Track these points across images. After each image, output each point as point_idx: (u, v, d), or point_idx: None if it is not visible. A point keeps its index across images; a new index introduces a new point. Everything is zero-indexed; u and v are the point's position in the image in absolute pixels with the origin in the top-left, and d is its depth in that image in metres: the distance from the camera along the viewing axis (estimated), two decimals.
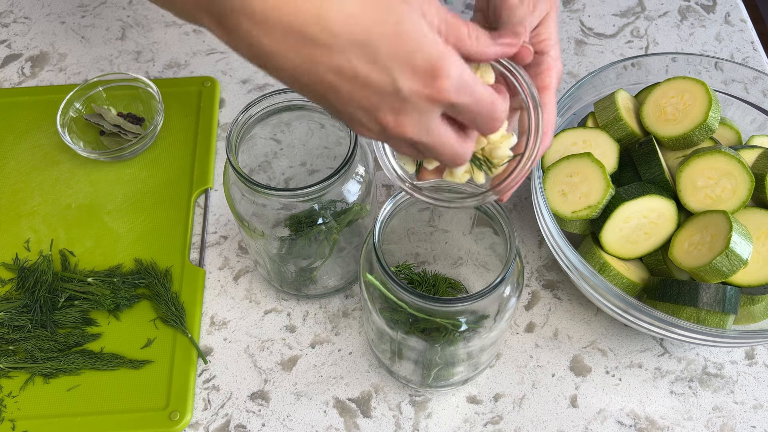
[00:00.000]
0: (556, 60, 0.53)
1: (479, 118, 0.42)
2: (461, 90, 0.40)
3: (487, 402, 0.64)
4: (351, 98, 0.39)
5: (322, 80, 0.38)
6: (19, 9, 0.93)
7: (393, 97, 0.39)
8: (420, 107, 0.40)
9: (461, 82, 0.39)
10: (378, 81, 0.38)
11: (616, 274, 0.62)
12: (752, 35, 0.90)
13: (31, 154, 0.79)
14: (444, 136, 0.43)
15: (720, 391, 0.65)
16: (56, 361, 0.65)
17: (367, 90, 0.39)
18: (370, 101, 0.39)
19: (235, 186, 0.59)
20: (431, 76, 0.38)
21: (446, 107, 0.40)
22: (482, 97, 0.41)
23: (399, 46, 0.37)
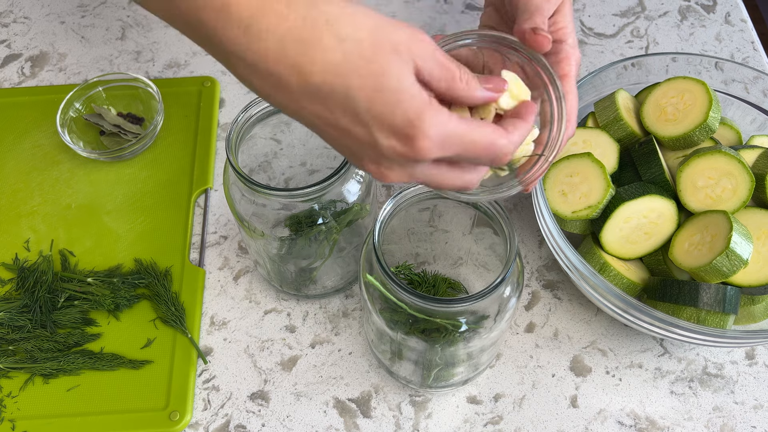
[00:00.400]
0: (574, 48, 0.53)
1: (479, 161, 0.41)
2: (446, 144, 0.38)
3: (487, 402, 0.64)
4: (336, 142, 0.39)
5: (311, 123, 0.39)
6: (19, 9, 0.93)
7: (373, 150, 0.38)
8: (400, 162, 0.39)
9: (444, 137, 0.38)
10: (358, 133, 0.38)
11: (616, 274, 0.62)
12: (752, 35, 0.90)
13: (31, 154, 0.79)
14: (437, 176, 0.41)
15: (720, 391, 0.65)
16: (56, 362, 0.65)
17: (349, 139, 0.38)
18: (352, 149, 0.39)
19: (235, 186, 0.59)
20: (409, 136, 0.37)
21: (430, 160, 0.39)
22: (476, 142, 0.39)
23: (378, 102, 0.36)
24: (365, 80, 0.36)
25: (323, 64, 0.36)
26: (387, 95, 0.36)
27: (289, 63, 0.36)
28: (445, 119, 0.38)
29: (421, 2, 0.92)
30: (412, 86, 0.37)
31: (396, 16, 0.91)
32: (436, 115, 0.37)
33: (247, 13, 0.36)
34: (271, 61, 0.36)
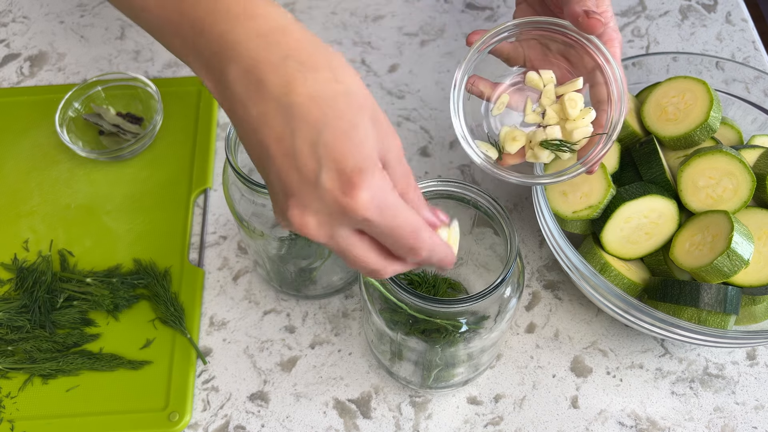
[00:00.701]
0: (616, 30, 0.55)
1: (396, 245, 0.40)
2: (381, 209, 0.38)
3: (487, 403, 0.64)
4: (278, 172, 0.38)
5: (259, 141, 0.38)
6: (18, 8, 0.93)
7: (310, 188, 0.37)
8: (330, 209, 0.37)
9: (382, 201, 0.37)
10: (306, 163, 0.37)
11: (617, 274, 0.62)
12: (753, 34, 0.89)
13: (30, 154, 0.79)
14: (355, 248, 0.40)
15: (721, 391, 0.65)
16: (55, 362, 0.64)
17: (293, 170, 0.37)
18: (290, 181, 0.38)
19: (234, 186, 0.59)
20: (352, 183, 0.36)
21: (359, 222, 0.38)
22: (403, 224, 0.39)
23: (339, 143, 0.37)
24: (339, 122, 0.37)
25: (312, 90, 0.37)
26: (350, 143, 0.37)
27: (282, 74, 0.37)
28: (390, 189, 0.38)
29: (421, 2, 0.92)
30: (372, 152, 0.38)
31: (396, 15, 0.91)
32: (383, 180, 0.38)
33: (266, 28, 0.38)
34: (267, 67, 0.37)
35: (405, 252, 0.41)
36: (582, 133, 0.54)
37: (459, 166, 0.78)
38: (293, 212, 0.38)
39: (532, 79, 0.57)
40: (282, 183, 0.38)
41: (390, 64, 0.87)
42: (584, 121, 0.54)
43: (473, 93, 0.59)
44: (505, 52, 0.59)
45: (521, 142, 0.57)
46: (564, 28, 0.55)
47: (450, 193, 0.54)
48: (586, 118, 0.54)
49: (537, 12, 0.61)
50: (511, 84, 0.60)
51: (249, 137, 0.39)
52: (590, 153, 0.54)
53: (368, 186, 0.37)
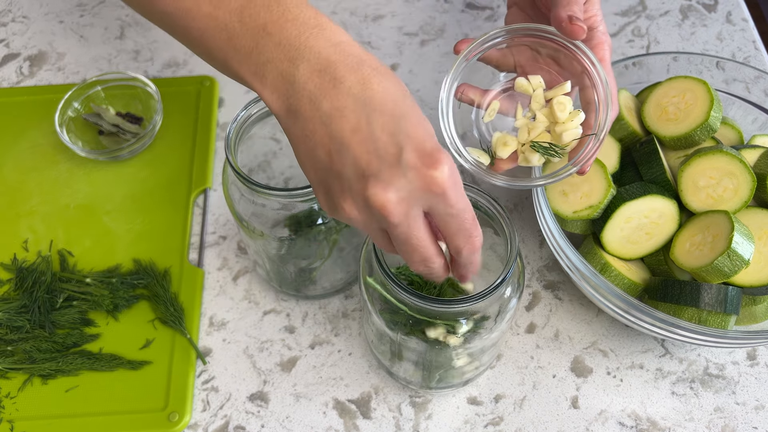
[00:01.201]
0: (605, 34, 0.56)
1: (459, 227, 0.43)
2: (456, 186, 0.41)
3: (487, 403, 0.64)
4: (354, 158, 0.41)
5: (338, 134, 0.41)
6: (18, 8, 0.93)
7: (392, 168, 0.40)
8: (413, 184, 0.40)
9: (457, 179, 0.41)
10: (386, 148, 0.40)
11: (617, 274, 0.62)
12: (754, 34, 0.89)
13: (30, 154, 0.79)
14: (421, 231, 0.43)
15: (721, 392, 0.65)
16: (55, 362, 0.64)
17: (373, 155, 0.40)
18: (370, 164, 0.40)
19: (234, 186, 0.59)
20: (434, 160, 0.40)
21: (437, 198, 0.41)
22: (468, 207, 0.42)
23: (417, 131, 0.40)
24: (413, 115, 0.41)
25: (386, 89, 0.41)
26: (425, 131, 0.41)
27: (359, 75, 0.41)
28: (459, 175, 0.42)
29: (421, 1, 0.92)
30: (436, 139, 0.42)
31: (396, 15, 0.91)
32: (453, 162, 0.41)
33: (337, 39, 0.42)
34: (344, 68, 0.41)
35: (463, 237, 0.43)
36: (571, 135, 0.55)
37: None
38: (374, 190, 0.40)
39: (522, 84, 0.57)
40: (358, 167, 0.40)
41: (390, 64, 0.87)
42: (573, 123, 0.55)
43: (463, 101, 0.59)
44: (494, 60, 0.59)
45: (513, 147, 0.57)
46: (549, 33, 0.55)
47: None
48: (574, 121, 0.55)
49: (528, 15, 0.61)
50: (501, 90, 0.60)
51: (315, 134, 0.42)
52: (580, 153, 0.55)
53: (448, 162, 0.40)
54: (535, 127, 0.56)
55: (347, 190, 0.42)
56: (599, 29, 0.56)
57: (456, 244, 0.44)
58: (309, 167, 0.44)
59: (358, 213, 0.42)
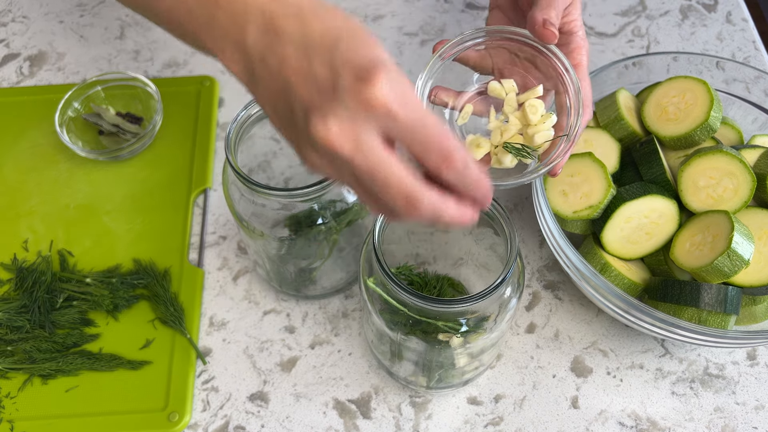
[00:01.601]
0: (584, 39, 0.56)
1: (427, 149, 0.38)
2: (403, 101, 0.36)
3: (487, 403, 0.64)
4: (300, 99, 0.38)
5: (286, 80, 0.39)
6: (18, 8, 0.93)
7: (329, 96, 0.37)
8: (351, 109, 0.36)
9: (403, 93, 0.37)
10: (324, 78, 0.37)
11: (617, 274, 0.62)
12: (754, 34, 0.89)
13: (30, 154, 0.79)
14: (385, 161, 0.37)
15: (721, 392, 0.65)
16: (55, 362, 0.64)
17: (314, 91, 0.38)
18: (312, 101, 0.38)
19: (234, 186, 0.59)
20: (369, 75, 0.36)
21: (383, 119, 0.37)
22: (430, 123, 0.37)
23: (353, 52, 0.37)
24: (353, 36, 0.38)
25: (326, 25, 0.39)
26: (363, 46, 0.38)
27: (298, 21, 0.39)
28: (410, 86, 0.38)
29: (421, 1, 0.92)
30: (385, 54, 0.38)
31: (396, 15, 0.91)
32: (401, 75, 0.37)
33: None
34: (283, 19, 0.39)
35: (438, 160, 0.38)
36: (543, 137, 0.55)
37: None
38: (316, 127, 0.37)
39: (495, 88, 0.57)
40: (303, 106, 0.38)
41: None
42: (545, 125, 0.55)
43: (437, 104, 0.59)
44: (471, 61, 0.59)
45: (486, 149, 0.57)
46: (523, 37, 0.55)
47: None
48: (546, 123, 0.55)
49: (509, 17, 0.61)
50: (475, 93, 0.60)
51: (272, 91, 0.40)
52: (552, 155, 0.55)
53: (386, 77, 0.36)
54: (508, 130, 0.57)
55: (302, 135, 0.39)
56: (578, 34, 0.56)
57: (432, 164, 0.38)
58: (280, 127, 0.42)
59: (318, 157, 0.39)
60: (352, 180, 0.39)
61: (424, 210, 0.39)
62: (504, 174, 0.58)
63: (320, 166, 0.40)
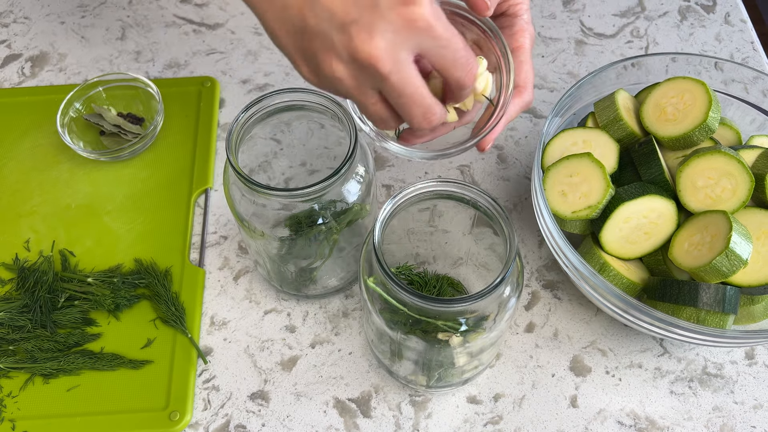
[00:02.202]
0: (528, 23, 0.55)
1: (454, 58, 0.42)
2: (439, 17, 0.40)
3: (487, 402, 0.64)
4: (329, 11, 0.39)
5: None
6: (19, 9, 0.93)
7: (371, 12, 0.39)
8: (395, 25, 0.39)
9: (438, 12, 0.40)
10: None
11: (616, 274, 0.62)
12: (752, 35, 0.90)
13: (31, 154, 0.79)
14: (415, 78, 0.42)
15: (720, 391, 0.65)
16: (56, 361, 0.65)
17: (349, 2, 0.39)
18: (348, 13, 0.39)
19: (235, 186, 0.59)
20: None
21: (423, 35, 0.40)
22: (457, 36, 0.41)
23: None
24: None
25: None
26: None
27: None
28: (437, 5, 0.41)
29: None
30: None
31: None
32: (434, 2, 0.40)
33: None
34: None
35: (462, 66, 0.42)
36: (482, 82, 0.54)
37: (459, 166, 0.79)
38: (359, 39, 0.39)
39: None
40: (335, 19, 0.39)
41: None
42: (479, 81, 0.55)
43: None
44: None
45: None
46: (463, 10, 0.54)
47: (450, 193, 0.54)
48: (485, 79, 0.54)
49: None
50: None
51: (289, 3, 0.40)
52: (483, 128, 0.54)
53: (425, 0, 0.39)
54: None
55: (329, 48, 0.40)
56: (523, 17, 0.55)
57: (456, 76, 0.43)
58: (283, 35, 0.42)
59: (346, 70, 0.41)
60: (371, 93, 0.42)
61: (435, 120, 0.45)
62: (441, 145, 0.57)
63: (341, 77, 0.41)
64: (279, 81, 0.85)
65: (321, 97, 0.57)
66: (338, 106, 0.57)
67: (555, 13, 0.92)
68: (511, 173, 0.79)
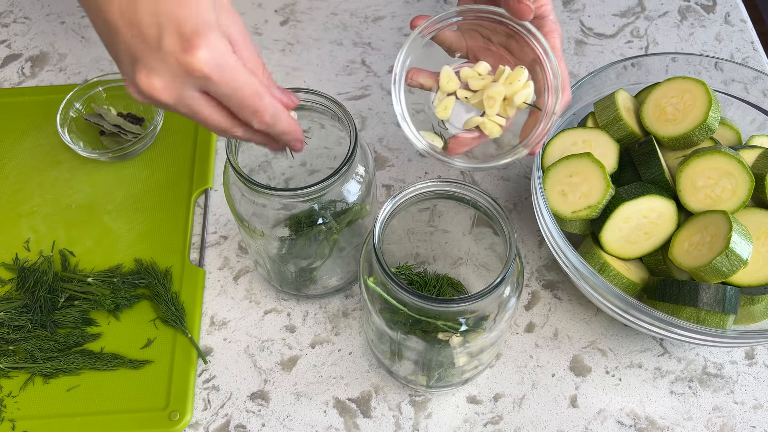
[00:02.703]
0: (556, 23, 0.56)
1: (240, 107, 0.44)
2: (220, 68, 0.41)
3: (487, 402, 0.64)
4: (125, 45, 0.42)
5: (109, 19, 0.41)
6: (19, 9, 0.93)
7: (154, 53, 0.41)
8: (173, 70, 0.41)
9: (222, 62, 0.41)
10: (149, 33, 0.41)
11: (616, 274, 0.62)
12: (752, 35, 0.90)
13: (31, 154, 0.79)
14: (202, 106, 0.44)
15: (720, 391, 0.65)
16: (56, 361, 0.65)
17: (138, 39, 0.41)
18: (137, 49, 0.41)
19: (235, 186, 0.59)
20: (191, 44, 0.40)
21: (202, 81, 0.42)
22: (244, 85, 0.43)
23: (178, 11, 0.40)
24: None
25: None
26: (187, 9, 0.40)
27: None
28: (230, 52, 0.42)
29: (421, 2, 0.92)
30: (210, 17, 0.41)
31: (396, 16, 0.91)
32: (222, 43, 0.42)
33: None
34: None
35: (249, 115, 0.45)
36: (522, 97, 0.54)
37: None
38: (140, 77, 0.42)
39: (467, 74, 0.57)
40: (129, 52, 0.42)
41: (390, 65, 0.87)
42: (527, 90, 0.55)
43: (413, 86, 0.59)
44: (447, 41, 0.59)
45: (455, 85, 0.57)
46: (501, 16, 0.55)
47: (450, 193, 0.54)
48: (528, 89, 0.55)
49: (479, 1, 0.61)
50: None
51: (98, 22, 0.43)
52: (531, 135, 0.55)
53: (207, 45, 0.41)
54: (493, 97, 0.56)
55: (126, 73, 0.43)
56: (550, 18, 0.56)
57: (245, 120, 0.45)
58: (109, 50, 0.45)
59: (140, 97, 0.44)
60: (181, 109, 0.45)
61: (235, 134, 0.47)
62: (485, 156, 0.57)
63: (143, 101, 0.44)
64: (278, 81, 0.86)
65: (321, 97, 0.57)
66: (338, 106, 0.57)
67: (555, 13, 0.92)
68: (511, 173, 0.79)
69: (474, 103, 0.57)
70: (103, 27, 0.43)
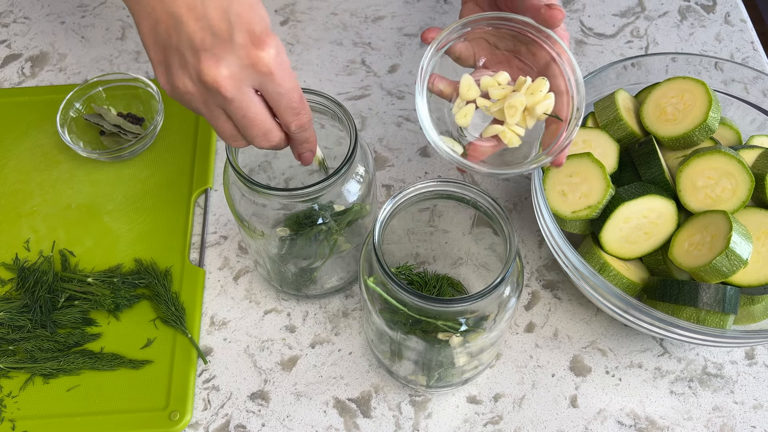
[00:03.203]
0: (565, 30, 0.57)
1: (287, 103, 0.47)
2: (281, 67, 0.45)
3: (487, 402, 0.64)
4: (189, 36, 0.44)
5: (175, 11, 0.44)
6: (19, 9, 0.93)
7: (224, 44, 0.44)
8: (242, 62, 0.44)
9: (283, 60, 0.46)
10: (219, 27, 0.44)
11: (616, 274, 0.62)
12: (752, 35, 0.90)
13: (31, 154, 0.79)
14: (255, 105, 0.47)
15: (720, 391, 0.65)
16: (56, 361, 0.65)
17: (207, 31, 0.44)
18: (204, 40, 0.44)
19: (234, 186, 0.59)
20: (262, 41, 0.44)
21: (263, 77, 0.45)
22: (295, 86, 0.47)
23: (249, 13, 0.44)
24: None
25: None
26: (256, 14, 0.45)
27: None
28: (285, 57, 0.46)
29: (421, 2, 0.92)
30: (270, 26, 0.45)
31: (396, 16, 0.91)
32: (282, 46, 0.46)
33: None
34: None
35: (291, 114, 0.48)
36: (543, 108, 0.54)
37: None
38: (207, 64, 0.44)
39: (487, 83, 0.57)
40: (192, 42, 0.44)
41: (390, 65, 0.87)
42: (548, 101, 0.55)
43: (433, 92, 0.59)
44: (457, 52, 0.59)
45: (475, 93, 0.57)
46: (514, 22, 0.55)
47: (450, 193, 0.54)
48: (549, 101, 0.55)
49: (483, 9, 0.61)
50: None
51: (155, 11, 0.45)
52: (554, 143, 0.55)
53: (275, 45, 0.45)
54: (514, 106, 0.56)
55: (183, 66, 0.45)
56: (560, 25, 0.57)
57: (285, 120, 0.49)
58: (151, 45, 0.46)
59: (194, 88, 0.46)
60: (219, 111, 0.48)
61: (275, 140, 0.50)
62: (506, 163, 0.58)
63: (190, 92, 0.46)
64: None
65: (321, 97, 0.57)
66: (338, 106, 0.57)
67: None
68: None
69: (494, 112, 0.57)
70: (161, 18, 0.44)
